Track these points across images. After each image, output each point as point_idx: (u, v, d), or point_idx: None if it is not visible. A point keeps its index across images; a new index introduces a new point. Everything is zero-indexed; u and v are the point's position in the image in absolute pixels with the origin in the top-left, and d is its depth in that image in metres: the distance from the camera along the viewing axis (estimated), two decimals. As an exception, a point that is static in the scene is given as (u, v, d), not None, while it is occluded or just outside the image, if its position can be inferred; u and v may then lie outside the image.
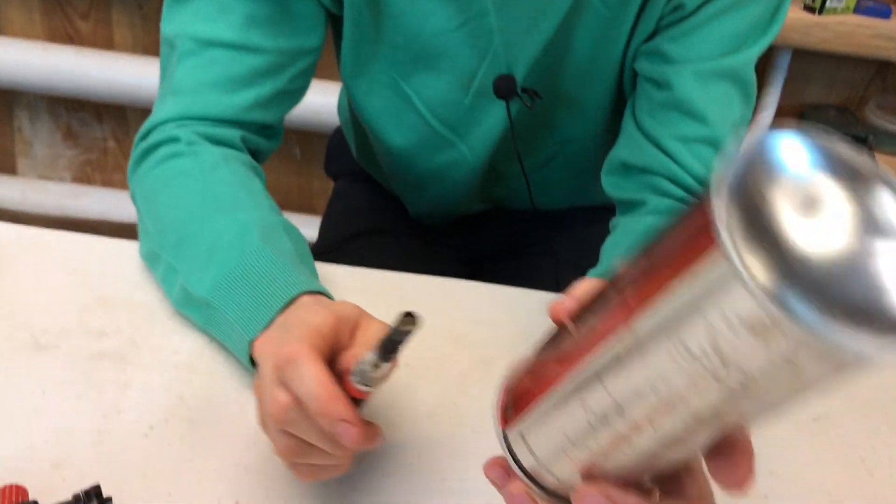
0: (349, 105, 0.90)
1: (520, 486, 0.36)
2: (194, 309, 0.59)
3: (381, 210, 0.98)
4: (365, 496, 0.51)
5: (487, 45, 0.68)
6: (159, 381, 0.57)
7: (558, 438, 0.33)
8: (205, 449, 0.52)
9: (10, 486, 0.47)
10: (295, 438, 0.44)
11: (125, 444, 0.52)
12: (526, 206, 0.89)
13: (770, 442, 0.58)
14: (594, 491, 0.32)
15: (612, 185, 0.70)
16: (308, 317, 0.49)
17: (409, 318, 0.41)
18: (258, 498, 0.50)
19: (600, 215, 0.95)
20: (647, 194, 0.67)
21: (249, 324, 0.52)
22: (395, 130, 0.77)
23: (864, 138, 1.51)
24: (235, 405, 0.56)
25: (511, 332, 0.67)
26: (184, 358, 0.59)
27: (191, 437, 0.53)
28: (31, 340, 0.59)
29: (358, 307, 0.50)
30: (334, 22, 0.72)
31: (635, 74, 0.70)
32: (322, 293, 0.54)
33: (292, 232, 0.61)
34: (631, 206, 0.69)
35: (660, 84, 0.65)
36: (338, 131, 1.08)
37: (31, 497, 0.47)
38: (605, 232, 0.94)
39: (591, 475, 0.33)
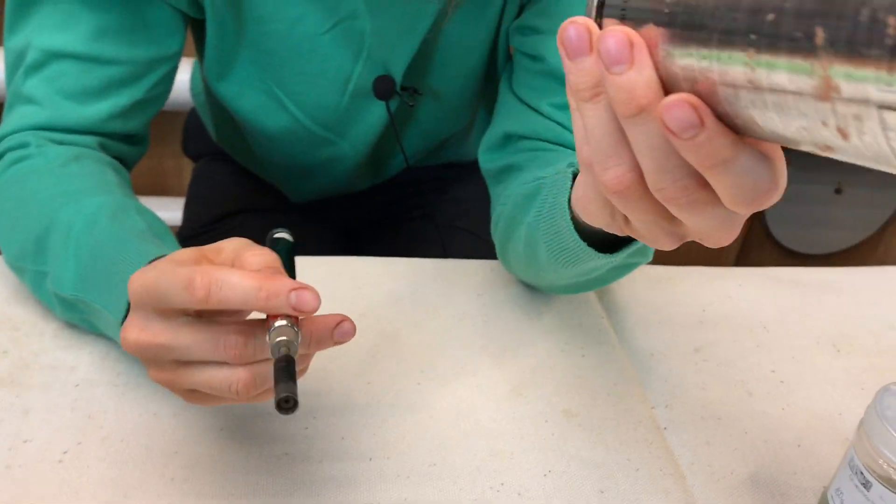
0: (205, 89, 0.87)
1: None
2: (73, 311, 0.56)
3: (251, 188, 0.96)
4: (286, 479, 0.51)
5: (360, 47, 0.67)
6: (62, 402, 0.54)
7: None
8: (127, 465, 0.51)
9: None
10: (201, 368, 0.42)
11: (39, 475, 0.49)
12: (403, 176, 0.90)
13: (660, 376, 0.63)
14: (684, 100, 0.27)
15: (492, 159, 0.72)
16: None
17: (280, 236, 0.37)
18: (191, 506, 0.49)
19: (470, 174, 0.98)
20: (530, 155, 0.69)
21: (116, 306, 0.49)
22: (271, 129, 0.75)
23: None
24: (148, 415, 0.54)
25: (412, 303, 0.68)
26: (83, 374, 0.57)
27: (110, 456, 0.51)
28: None
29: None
30: (195, 24, 0.69)
31: (509, 55, 0.72)
32: None
33: (146, 213, 0.58)
34: (512, 169, 0.72)
35: (534, 57, 0.67)
36: (194, 111, 1.04)
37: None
38: (477, 190, 0.97)
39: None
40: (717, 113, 0.28)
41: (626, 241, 0.51)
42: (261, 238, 0.91)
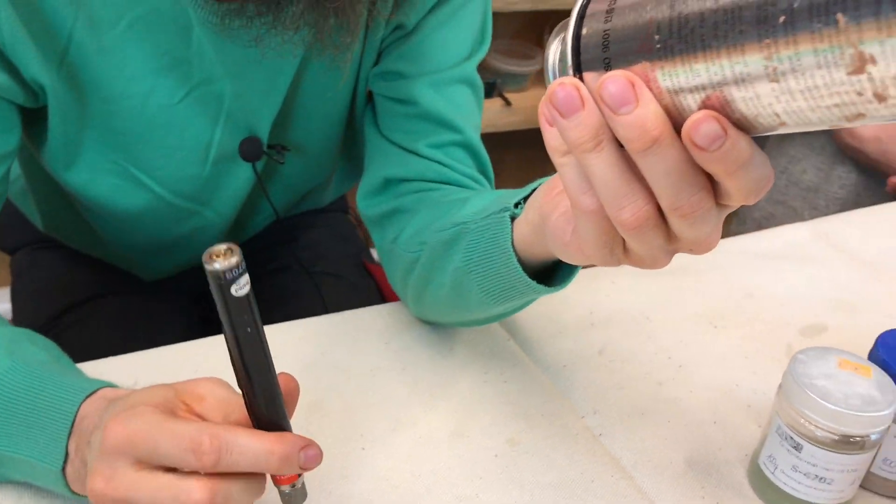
0: (29, 177, 0.80)
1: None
2: None
3: (92, 273, 0.89)
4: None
5: (218, 112, 0.65)
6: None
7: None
8: None
9: None
10: None
11: None
12: (272, 225, 0.87)
13: (579, 385, 0.67)
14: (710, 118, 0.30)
15: (374, 204, 0.72)
16: (124, 410, 0.41)
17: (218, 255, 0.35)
18: None
19: (316, 216, 0.97)
20: (416, 197, 0.70)
21: (51, 455, 0.45)
22: (128, 210, 0.70)
23: (493, 83, 1.68)
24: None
25: (324, 368, 0.67)
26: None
27: None
28: None
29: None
30: (27, 113, 0.63)
31: (369, 99, 0.72)
32: (109, 386, 0.49)
33: (34, 337, 0.54)
34: (398, 212, 0.72)
35: (403, 101, 0.68)
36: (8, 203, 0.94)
37: None
38: (325, 231, 0.96)
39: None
40: (731, 120, 0.31)
41: (560, 268, 0.53)
42: (113, 328, 0.86)
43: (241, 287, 0.35)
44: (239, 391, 0.41)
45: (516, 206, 0.53)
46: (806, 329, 0.76)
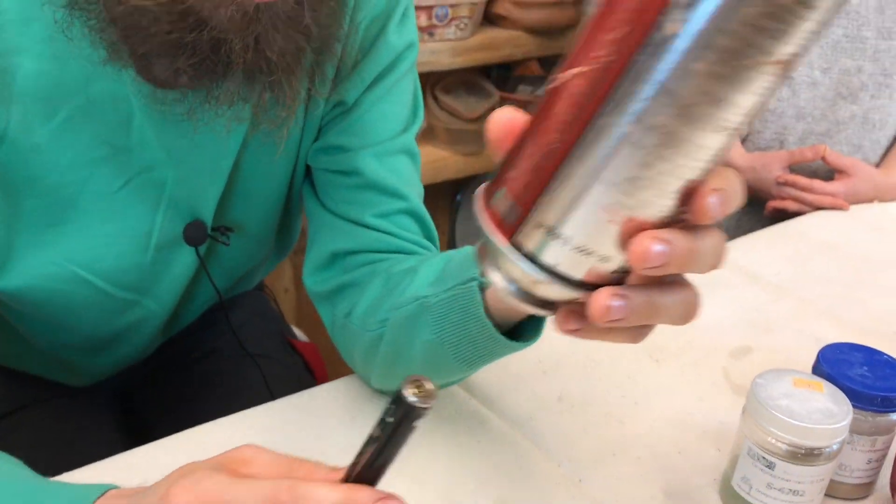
0: None
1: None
2: None
3: (10, 385, 0.83)
4: None
5: (159, 198, 0.64)
6: None
7: (603, 199, 0.32)
8: None
9: None
10: None
11: None
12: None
13: (549, 435, 0.68)
14: (653, 238, 0.33)
15: (322, 280, 0.71)
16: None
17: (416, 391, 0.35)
18: None
19: (248, 293, 0.95)
20: (366, 269, 0.70)
21: None
22: (61, 311, 0.67)
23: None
24: None
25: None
26: None
27: None
28: None
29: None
30: None
31: (307, 175, 0.72)
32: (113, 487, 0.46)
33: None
34: (348, 287, 0.72)
35: (347, 172, 0.69)
36: None
37: None
38: (245, 312, 0.94)
39: (634, 230, 0.33)
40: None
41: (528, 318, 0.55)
42: (42, 445, 0.80)
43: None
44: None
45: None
46: (734, 352, 0.82)
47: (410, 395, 0.35)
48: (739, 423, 0.61)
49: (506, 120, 0.35)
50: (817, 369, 0.64)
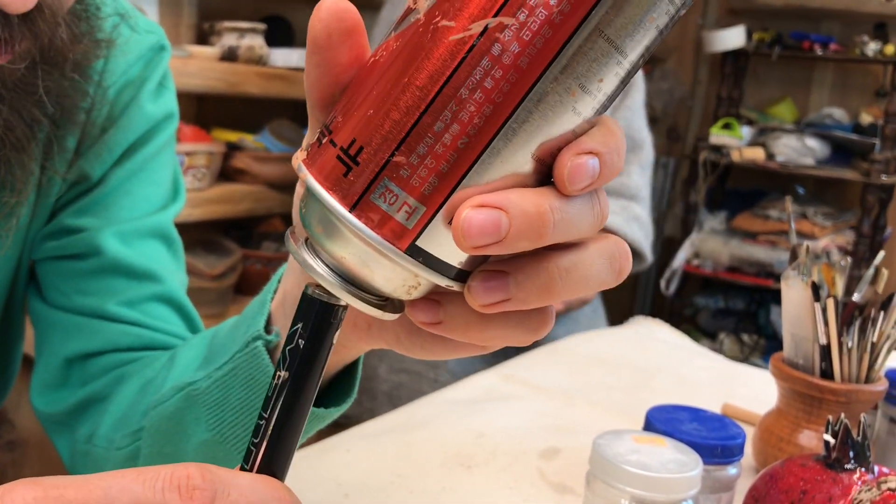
0: None
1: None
2: None
3: None
4: None
5: None
6: None
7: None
8: None
9: None
10: None
11: None
12: None
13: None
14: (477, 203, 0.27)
15: (55, 400, 0.55)
16: None
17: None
18: None
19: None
20: (112, 375, 0.55)
21: None
22: None
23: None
24: None
25: None
26: None
27: None
28: None
29: None
30: None
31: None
32: None
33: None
34: (91, 403, 0.56)
35: (83, 254, 0.56)
36: None
37: None
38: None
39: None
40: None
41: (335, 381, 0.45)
42: None
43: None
44: None
45: (268, 329, 0.44)
46: (544, 453, 0.76)
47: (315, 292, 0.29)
48: (584, 494, 0.53)
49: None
50: (650, 428, 0.59)
